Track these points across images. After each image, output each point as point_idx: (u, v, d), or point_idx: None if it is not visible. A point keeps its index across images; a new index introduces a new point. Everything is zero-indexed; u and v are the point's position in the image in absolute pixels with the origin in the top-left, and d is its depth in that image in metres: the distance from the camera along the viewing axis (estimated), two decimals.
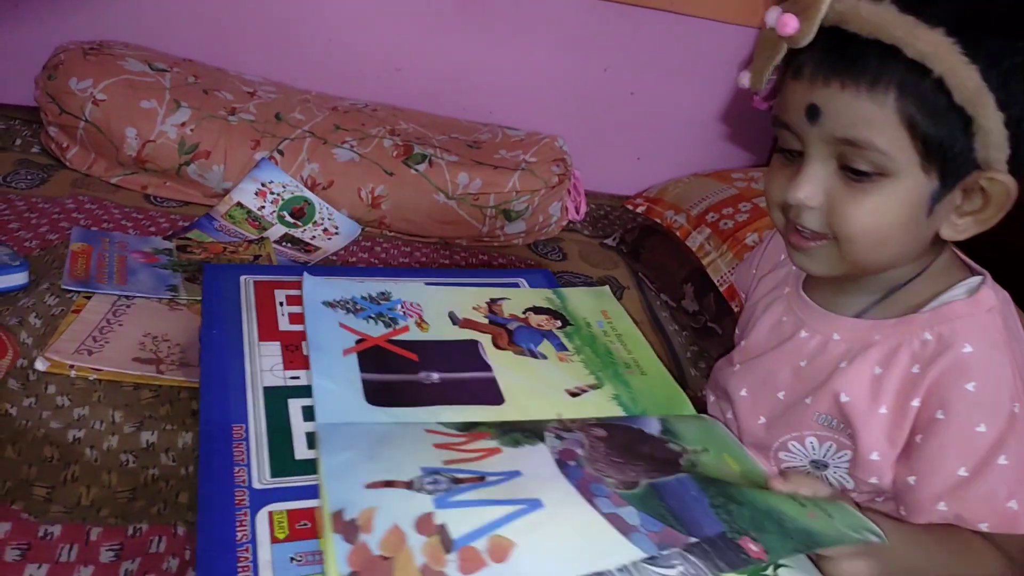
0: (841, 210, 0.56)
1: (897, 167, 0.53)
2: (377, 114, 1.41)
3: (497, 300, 0.74)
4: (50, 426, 0.75)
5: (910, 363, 0.59)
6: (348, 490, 0.47)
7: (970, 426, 0.56)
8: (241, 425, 0.54)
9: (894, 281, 0.62)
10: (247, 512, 0.47)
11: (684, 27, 1.67)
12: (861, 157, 0.54)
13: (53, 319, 0.89)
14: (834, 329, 0.64)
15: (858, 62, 0.52)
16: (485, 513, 0.46)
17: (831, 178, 0.56)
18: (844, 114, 0.53)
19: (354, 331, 0.64)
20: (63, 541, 0.63)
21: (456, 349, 0.65)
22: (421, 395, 0.59)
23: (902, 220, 0.55)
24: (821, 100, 0.54)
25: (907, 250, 0.59)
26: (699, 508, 0.48)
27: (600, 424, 0.58)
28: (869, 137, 0.53)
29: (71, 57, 1.25)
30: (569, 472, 0.51)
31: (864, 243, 0.57)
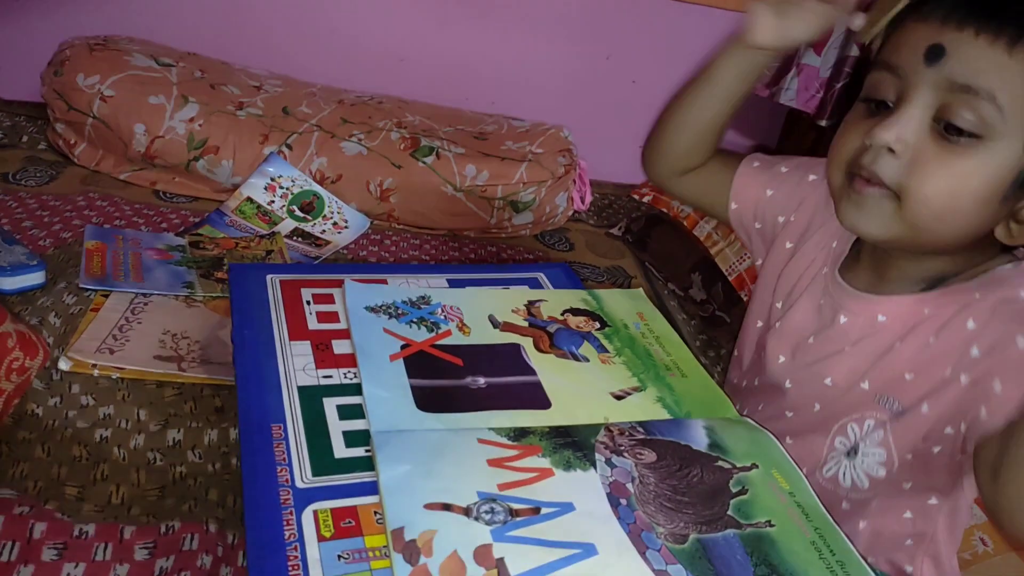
0: (925, 166, 0.53)
1: (1003, 131, 0.51)
2: (383, 106, 1.41)
3: (535, 302, 0.74)
4: (77, 425, 0.76)
5: (964, 320, 0.57)
6: (408, 509, 0.49)
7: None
8: (279, 425, 0.54)
9: (940, 272, 0.60)
10: (292, 511, 0.48)
11: (685, 14, 1.68)
12: (971, 110, 0.51)
13: (72, 318, 0.90)
14: (877, 311, 0.62)
15: (1003, 12, 0.50)
16: (543, 553, 0.48)
17: (924, 130, 0.53)
18: (973, 60, 0.51)
19: (398, 336, 0.65)
20: (98, 540, 0.63)
21: (499, 353, 0.66)
22: (470, 400, 0.60)
23: (982, 193, 0.53)
24: (949, 42, 0.51)
25: (968, 230, 0.56)
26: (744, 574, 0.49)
27: (648, 442, 0.59)
28: (992, 88, 0.50)
29: (77, 53, 1.25)
30: (621, 514, 0.52)
31: (935, 207, 0.54)
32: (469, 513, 0.49)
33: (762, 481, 0.57)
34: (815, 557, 0.52)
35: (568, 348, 0.69)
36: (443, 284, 0.75)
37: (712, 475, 0.57)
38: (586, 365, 0.67)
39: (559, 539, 0.49)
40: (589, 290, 0.78)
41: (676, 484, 0.56)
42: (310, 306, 0.68)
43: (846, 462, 0.65)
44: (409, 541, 0.47)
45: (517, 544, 0.48)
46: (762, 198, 0.76)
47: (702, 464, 0.58)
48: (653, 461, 0.57)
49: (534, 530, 0.49)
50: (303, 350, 0.63)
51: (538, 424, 0.59)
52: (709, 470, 0.57)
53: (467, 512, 0.49)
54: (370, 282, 0.72)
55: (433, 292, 0.72)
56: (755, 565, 0.50)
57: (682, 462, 0.58)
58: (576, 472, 0.54)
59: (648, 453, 0.58)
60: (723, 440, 0.61)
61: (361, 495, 0.50)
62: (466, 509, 0.50)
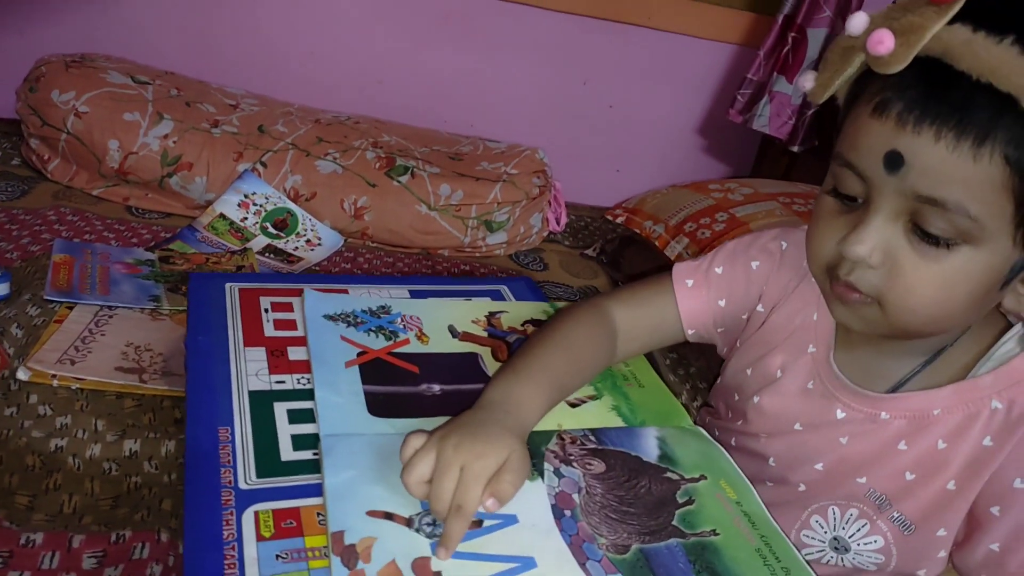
0: (905, 276, 0.48)
1: (984, 235, 0.45)
2: (359, 126, 1.42)
3: (496, 313, 0.75)
4: (32, 435, 0.75)
5: (981, 435, 0.53)
6: (350, 514, 0.48)
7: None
8: (227, 428, 0.54)
9: (939, 344, 0.56)
10: (233, 512, 0.48)
11: (661, 42, 1.71)
12: (943, 219, 0.46)
13: (35, 329, 0.89)
14: (880, 408, 0.57)
15: (963, 111, 0.43)
16: (481, 567, 0.47)
17: (898, 238, 0.48)
18: (935, 170, 0.45)
19: (355, 344, 0.65)
20: (45, 549, 0.63)
21: (457, 362, 0.66)
22: (423, 406, 0.60)
23: (976, 292, 0.48)
24: (907, 148, 0.45)
25: (967, 322, 0.53)
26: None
27: (598, 452, 0.59)
28: (960, 200, 0.44)
29: (53, 69, 1.25)
30: (564, 525, 0.52)
31: (924, 315, 0.49)
32: (411, 524, 0.49)
33: (709, 492, 0.57)
34: (760, 564, 0.52)
35: None
36: (404, 295, 0.76)
37: (660, 486, 0.57)
38: None
39: (499, 552, 0.49)
40: (551, 303, 0.79)
41: (623, 495, 0.55)
42: (268, 314, 0.68)
43: (832, 555, 0.62)
44: (349, 545, 0.46)
45: (456, 559, 0.47)
46: (717, 310, 0.69)
47: (650, 476, 0.58)
48: (602, 472, 0.57)
49: (474, 544, 0.49)
50: (258, 356, 0.63)
51: None
52: (657, 481, 0.57)
53: (409, 523, 0.49)
54: (331, 291, 0.72)
55: (393, 302, 0.73)
56: (697, 572, 0.50)
57: (631, 473, 0.58)
58: None
59: (597, 463, 0.58)
60: (673, 451, 0.61)
61: (305, 496, 0.50)
62: (408, 519, 0.49)
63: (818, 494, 0.62)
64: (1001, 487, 0.53)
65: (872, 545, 0.59)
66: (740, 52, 1.74)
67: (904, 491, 0.57)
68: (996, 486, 0.53)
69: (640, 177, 1.82)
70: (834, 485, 0.61)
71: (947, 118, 0.44)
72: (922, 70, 0.44)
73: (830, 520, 0.61)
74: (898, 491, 0.57)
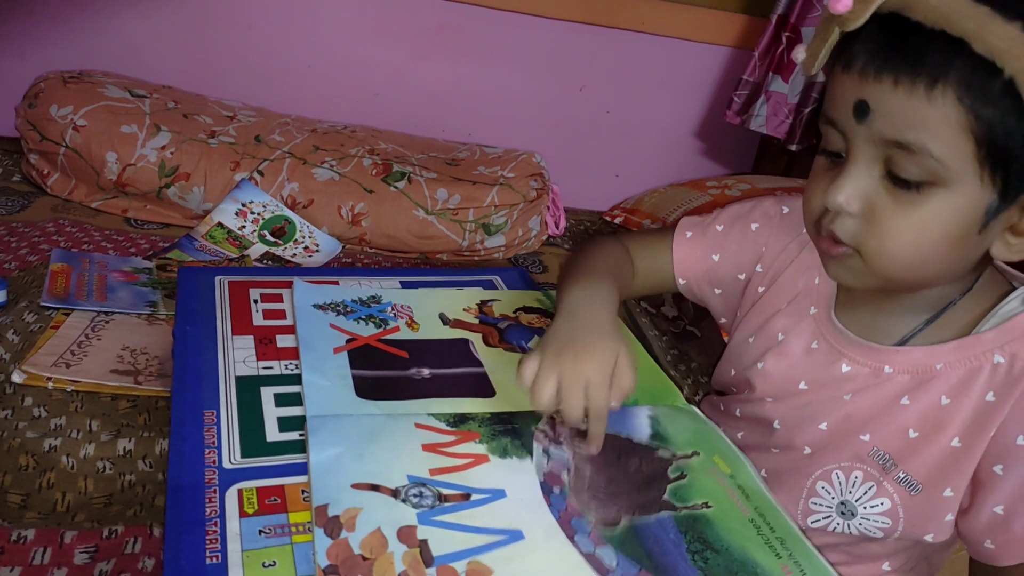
0: (882, 222, 0.50)
1: (951, 176, 0.47)
2: (356, 135, 1.43)
3: (488, 302, 0.74)
4: (26, 436, 0.75)
5: (983, 391, 0.54)
6: (334, 488, 0.48)
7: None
8: (212, 411, 0.54)
9: (941, 301, 0.57)
10: (216, 490, 0.47)
11: (657, 47, 1.72)
12: (912, 163, 0.48)
13: (31, 335, 0.89)
14: (884, 361, 0.58)
15: (917, 57, 0.46)
16: (468, 538, 0.47)
17: (875, 185, 0.51)
18: (896, 114, 0.47)
19: (345, 331, 0.65)
20: (36, 544, 0.62)
21: (447, 347, 0.66)
22: (412, 389, 0.60)
23: (950, 236, 0.50)
24: (871, 96, 0.48)
25: (950, 269, 0.53)
26: (677, 553, 0.48)
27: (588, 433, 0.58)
28: (922, 141, 0.47)
29: (51, 85, 1.27)
30: (553, 501, 0.51)
31: (902, 260, 0.51)
32: (397, 495, 0.49)
33: (702, 467, 0.57)
34: (753, 533, 0.51)
35: (518, 343, 0.69)
36: (396, 286, 0.75)
37: (651, 464, 0.56)
38: None
39: (486, 525, 0.48)
40: (544, 290, 0.78)
41: (612, 474, 0.55)
42: (257, 304, 0.68)
43: (839, 521, 0.61)
44: (332, 517, 0.46)
45: (442, 528, 0.47)
46: (711, 265, 0.72)
47: (641, 455, 0.57)
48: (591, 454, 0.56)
49: (461, 516, 0.48)
50: (246, 344, 0.63)
51: (480, 411, 0.58)
52: (648, 460, 0.57)
53: (395, 494, 0.49)
54: (321, 283, 0.72)
55: (384, 292, 0.72)
56: (688, 542, 0.49)
57: (620, 454, 0.57)
58: (512, 460, 0.54)
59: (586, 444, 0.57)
60: (666, 429, 0.60)
61: (290, 475, 0.50)
62: (394, 491, 0.49)
63: (823, 457, 0.61)
64: (1004, 444, 0.53)
65: (879, 508, 0.59)
66: (735, 54, 1.75)
67: (908, 449, 0.56)
68: (999, 444, 0.53)
69: (640, 182, 1.82)
70: (838, 446, 0.60)
71: (903, 65, 0.46)
72: (882, 24, 0.47)
73: (835, 485, 0.61)
74: (902, 450, 0.57)
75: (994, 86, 0.44)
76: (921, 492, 0.57)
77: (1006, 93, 0.44)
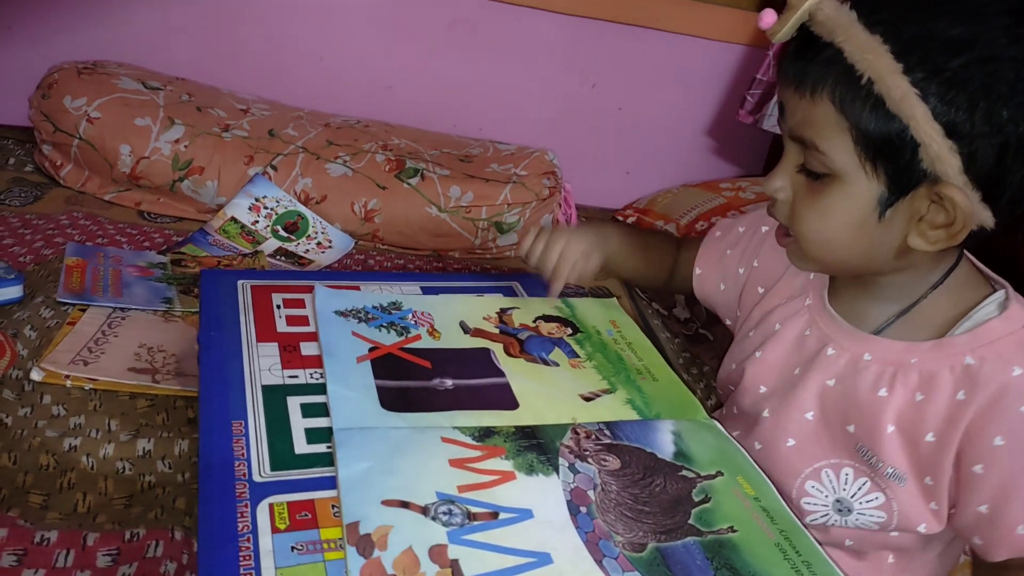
0: (797, 208, 0.58)
1: (841, 169, 0.54)
2: (369, 130, 1.42)
3: (507, 310, 0.74)
4: (46, 435, 0.75)
5: (953, 389, 0.57)
6: (365, 504, 0.48)
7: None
8: (240, 421, 0.54)
9: (911, 291, 0.61)
10: (247, 504, 0.47)
11: (669, 43, 1.71)
12: (813, 158, 0.55)
13: (48, 331, 0.89)
14: (865, 348, 0.62)
15: (808, 65, 0.53)
16: (498, 559, 0.47)
17: (796, 175, 0.58)
18: (796, 115, 0.55)
19: (367, 339, 0.65)
20: (59, 547, 0.62)
21: (469, 357, 0.66)
22: (436, 400, 0.60)
23: (849, 222, 0.56)
24: (785, 100, 0.57)
25: (865, 253, 0.58)
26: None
27: (613, 447, 0.58)
28: (814, 138, 0.54)
29: (65, 76, 1.26)
30: (580, 522, 0.51)
31: (813, 241, 0.58)
32: (427, 512, 0.49)
33: (726, 488, 0.57)
34: (779, 558, 0.51)
35: (538, 353, 0.69)
36: (416, 291, 0.75)
37: (675, 484, 0.56)
38: (556, 369, 0.67)
39: (515, 546, 0.48)
40: (563, 299, 0.78)
41: (638, 493, 0.55)
42: (280, 310, 0.68)
43: (836, 517, 0.63)
44: (364, 535, 0.46)
45: (472, 548, 0.47)
46: (723, 258, 0.80)
47: (666, 474, 0.57)
48: (617, 468, 0.57)
49: (490, 535, 0.48)
50: (270, 351, 0.62)
51: (504, 424, 0.58)
52: (672, 479, 0.57)
53: (425, 511, 0.49)
54: (342, 288, 0.72)
55: (405, 298, 0.72)
56: (716, 569, 0.50)
57: (645, 471, 0.57)
58: (538, 477, 0.54)
59: (612, 459, 0.57)
60: (689, 448, 0.60)
61: (320, 489, 0.50)
62: (424, 508, 0.49)
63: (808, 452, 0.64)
64: (982, 446, 0.55)
65: (873, 503, 0.61)
66: (749, 52, 1.74)
67: (888, 444, 0.59)
68: (977, 445, 0.56)
69: (650, 179, 1.81)
70: (822, 438, 0.63)
71: (800, 71, 0.54)
72: (800, 37, 0.54)
73: (827, 483, 0.63)
74: (883, 444, 0.60)
75: (859, 89, 0.50)
76: (906, 484, 0.59)
77: (869, 95, 0.50)
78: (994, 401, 0.55)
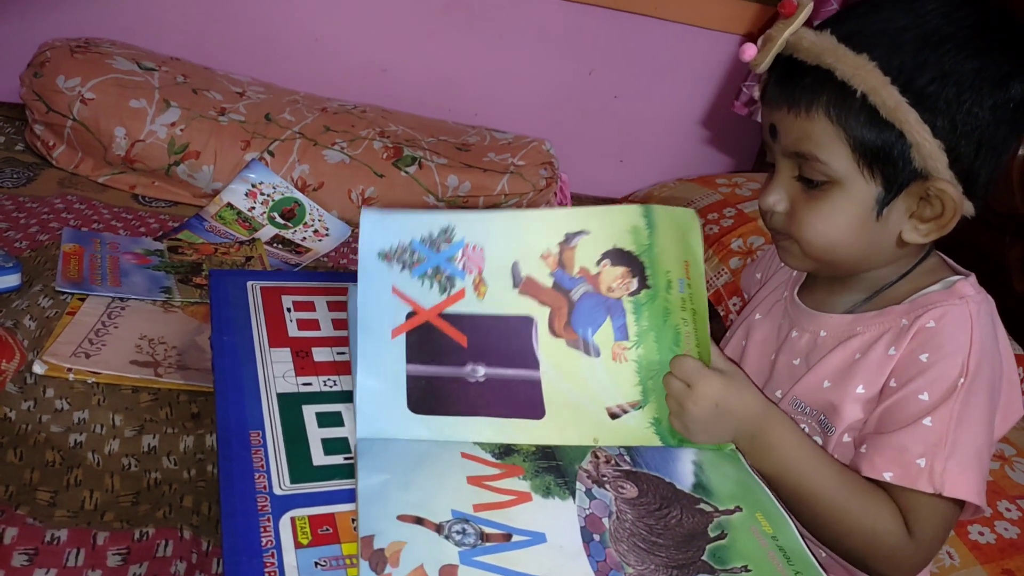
0: (798, 215, 0.63)
1: (842, 175, 0.60)
2: (366, 116, 1.41)
3: (573, 238, 0.62)
4: (51, 430, 0.75)
5: (887, 346, 0.64)
6: (380, 518, 0.49)
7: (914, 393, 0.61)
8: (258, 431, 0.55)
9: (880, 281, 0.67)
10: (270, 518, 0.48)
11: (668, 32, 1.70)
12: (811, 168, 0.61)
13: (48, 321, 0.89)
14: (821, 327, 0.69)
15: (799, 87, 0.60)
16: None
17: (793, 186, 0.64)
18: (792, 132, 0.61)
19: (406, 298, 0.60)
20: (70, 546, 0.63)
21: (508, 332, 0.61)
22: (463, 399, 0.59)
23: (851, 223, 0.62)
24: (777, 120, 0.62)
25: (864, 250, 0.64)
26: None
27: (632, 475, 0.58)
28: (813, 151, 0.60)
29: (58, 55, 1.24)
30: (592, 550, 0.52)
31: (819, 244, 0.63)
32: (441, 530, 0.49)
33: (744, 525, 0.56)
34: None
35: (583, 333, 0.63)
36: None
37: (691, 518, 0.56)
38: (594, 363, 0.62)
39: (526, 571, 0.49)
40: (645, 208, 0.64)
41: (653, 524, 0.55)
42: (290, 313, 0.68)
43: None
44: (377, 550, 0.47)
45: (482, 570, 0.48)
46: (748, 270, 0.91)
47: (683, 506, 0.57)
48: (634, 497, 0.56)
49: (502, 558, 0.49)
50: (283, 357, 0.63)
51: (526, 441, 0.58)
52: (689, 512, 0.56)
53: (439, 529, 0.50)
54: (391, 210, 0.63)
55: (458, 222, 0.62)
56: None
57: (663, 501, 0.57)
58: (554, 500, 0.54)
59: (630, 487, 0.57)
60: (709, 480, 0.59)
61: (339, 502, 0.51)
62: (438, 526, 0.50)
63: None
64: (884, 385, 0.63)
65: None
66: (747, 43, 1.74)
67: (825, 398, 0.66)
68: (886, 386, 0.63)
69: (643, 168, 1.82)
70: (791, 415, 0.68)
71: (791, 94, 0.60)
72: (782, 64, 0.60)
73: None
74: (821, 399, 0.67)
75: (854, 103, 0.57)
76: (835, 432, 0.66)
77: (863, 107, 0.57)
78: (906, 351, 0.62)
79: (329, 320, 0.70)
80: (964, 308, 0.62)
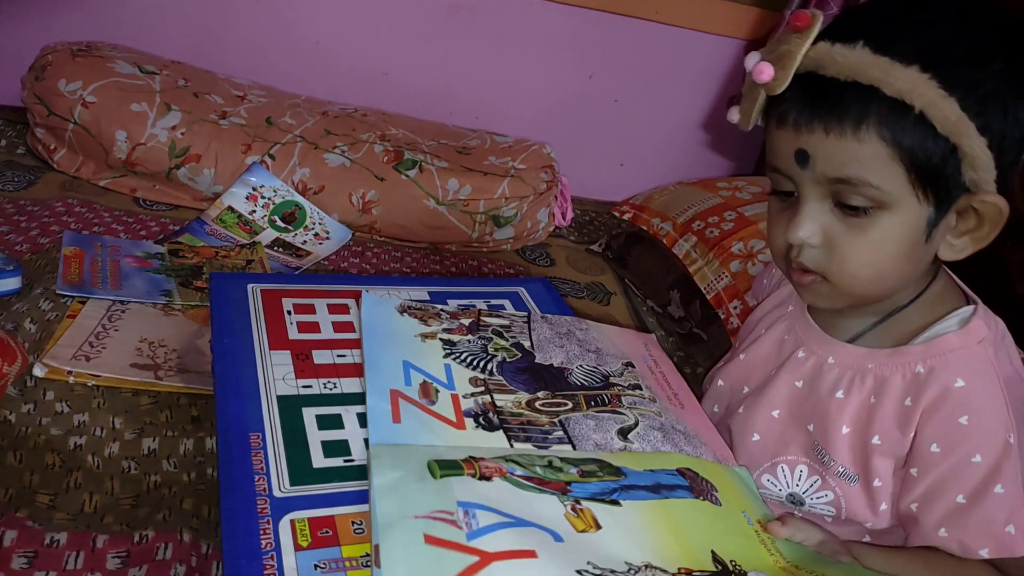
0: (840, 247, 0.57)
1: (892, 199, 0.55)
2: (367, 119, 1.42)
3: None
4: (50, 433, 0.75)
5: (903, 395, 0.61)
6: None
7: (966, 457, 0.58)
8: (258, 434, 0.55)
9: (892, 305, 0.64)
10: (269, 520, 0.48)
11: (668, 36, 1.70)
12: (856, 193, 0.55)
13: (48, 324, 0.89)
14: (830, 352, 0.66)
15: (838, 106, 0.53)
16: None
17: (827, 216, 0.58)
18: (834, 156, 0.55)
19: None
20: (69, 549, 0.63)
21: None
22: None
23: (902, 249, 0.57)
24: (808, 145, 0.55)
25: (908, 277, 0.61)
26: None
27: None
28: (862, 175, 0.54)
29: (59, 58, 1.24)
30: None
31: (863, 278, 0.58)
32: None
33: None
34: None
35: None
36: (424, 296, 0.76)
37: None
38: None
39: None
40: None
41: None
42: (291, 316, 0.68)
43: (790, 507, 0.68)
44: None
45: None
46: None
47: None
48: None
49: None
50: (283, 359, 0.63)
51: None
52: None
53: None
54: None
55: None
56: None
57: None
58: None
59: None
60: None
61: (339, 505, 0.51)
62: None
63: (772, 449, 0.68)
64: (920, 451, 0.60)
65: (824, 499, 0.65)
66: (747, 48, 1.74)
67: (841, 444, 0.63)
68: (916, 449, 0.60)
69: (643, 172, 1.82)
70: (784, 434, 0.67)
71: (828, 114, 0.54)
72: (803, 82, 0.54)
73: (781, 478, 0.67)
74: (837, 444, 0.64)
75: (908, 120, 0.52)
76: (858, 483, 0.63)
77: (919, 123, 0.52)
78: (934, 409, 0.59)
79: (329, 323, 0.70)
80: (984, 355, 0.59)
